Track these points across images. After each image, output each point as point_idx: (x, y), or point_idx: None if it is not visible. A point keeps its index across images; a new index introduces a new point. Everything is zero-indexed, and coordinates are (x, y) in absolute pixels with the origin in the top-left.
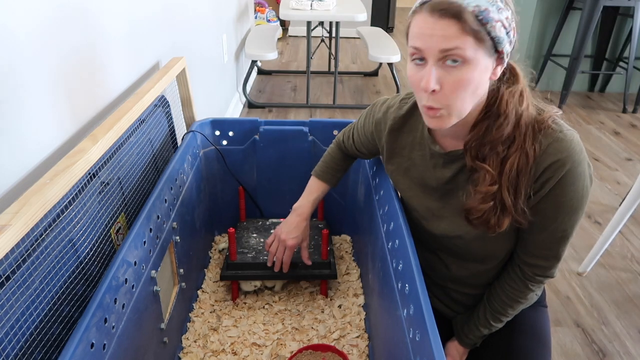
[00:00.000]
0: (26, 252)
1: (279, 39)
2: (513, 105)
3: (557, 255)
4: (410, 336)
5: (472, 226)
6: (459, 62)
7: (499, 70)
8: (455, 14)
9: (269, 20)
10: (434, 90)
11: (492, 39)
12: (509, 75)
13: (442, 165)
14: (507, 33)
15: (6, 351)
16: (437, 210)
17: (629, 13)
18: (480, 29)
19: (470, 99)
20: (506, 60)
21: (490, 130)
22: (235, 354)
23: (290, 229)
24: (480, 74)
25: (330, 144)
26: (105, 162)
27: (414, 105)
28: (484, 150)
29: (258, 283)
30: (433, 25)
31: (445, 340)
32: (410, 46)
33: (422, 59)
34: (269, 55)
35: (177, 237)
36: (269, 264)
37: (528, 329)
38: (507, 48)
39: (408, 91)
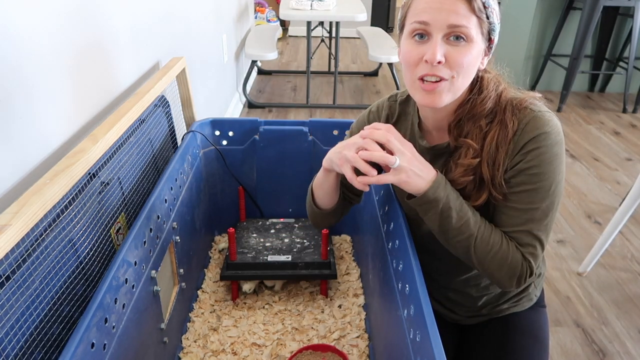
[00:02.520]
0: (26, 252)
1: (279, 39)
2: (493, 84)
3: (536, 236)
4: (411, 336)
5: None
6: (463, 40)
7: (486, 61)
8: None
9: (269, 20)
10: (439, 62)
11: (490, 23)
12: (483, 69)
13: (429, 161)
14: (498, 24)
15: (6, 351)
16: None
17: (629, 13)
18: (483, 11)
19: (467, 77)
20: (492, 51)
21: (475, 104)
22: (235, 354)
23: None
24: (478, 55)
25: (330, 145)
26: (105, 162)
27: (404, 102)
28: (468, 126)
29: (252, 284)
30: (443, 1)
31: (445, 342)
32: (414, 21)
33: (424, 35)
34: (269, 55)
35: (177, 237)
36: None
37: (525, 329)
38: (496, 38)
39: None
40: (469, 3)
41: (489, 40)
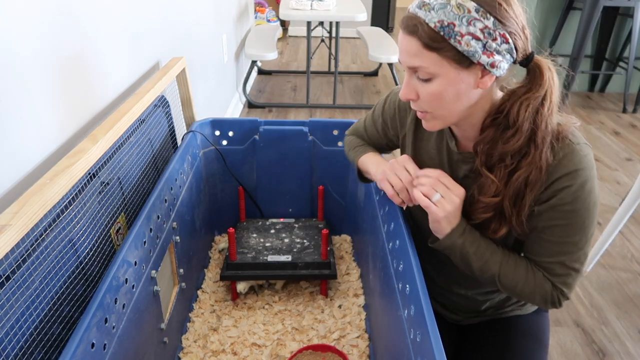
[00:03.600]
0: (26, 252)
1: (279, 39)
2: (527, 116)
3: (570, 267)
4: (411, 337)
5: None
6: (428, 77)
7: (489, 80)
8: (413, 31)
9: (269, 20)
10: (412, 98)
11: (461, 51)
12: (532, 77)
13: (455, 164)
14: (485, 44)
15: (6, 351)
16: None
17: (629, 13)
18: (442, 45)
19: (453, 106)
20: (499, 69)
21: (497, 141)
22: (235, 354)
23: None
24: (456, 86)
25: (330, 145)
26: (105, 162)
27: None
28: (492, 159)
29: (246, 285)
30: (402, 40)
31: (445, 342)
32: None
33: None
34: (269, 55)
35: (177, 237)
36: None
37: (527, 331)
38: (485, 59)
39: None
40: (418, 40)
41: (477, 63)
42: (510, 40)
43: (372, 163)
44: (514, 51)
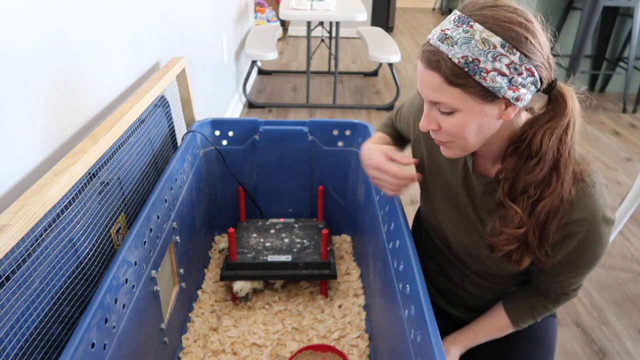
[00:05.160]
0: (26, 252)
1: (279, 39)
2: (551, 145)
3: (575, 289)
4: (412, 337)
5: (493, 254)
6: (450, 111)
7: (512, 111)
8: (435, 67)
9: (269, 20)
10: (432, 129)
11: (485, 87)
12: (554, 105)
13: (470, 182)
14: (511, 79)
15: (6, 351)
16: (457, 223)
17: (629, 13)
18: (466, 81)
19: (474, 137)
20: (523, 101)
21: (521, 172)
22: (235, 354)
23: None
24: (479, 118)
25: (330, 145)
26: (105, 162)
27: None
28: (515, 189)
29: (244, 287)
30: (422, 73)
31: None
32: None
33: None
34: (269, 55)
35: (177, 237)
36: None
37: (534, 334)
38: (511, 94)
39: None
40: (440, 75)
41: (502, 97)
42: (535, 73)
43: (368, 143)
44: (539, 83)
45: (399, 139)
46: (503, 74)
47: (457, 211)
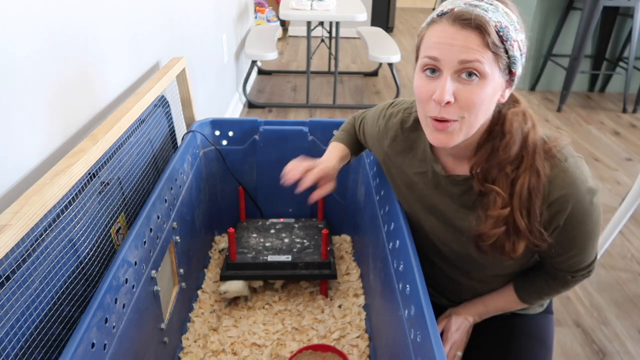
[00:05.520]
0: (26, 252)
1: (279, 39)
2: (518, 124)
3: (583, 266)
4: (412, 337)
5: (484, 253)
6: (475, 76)
7: (508, 94)
8: (479, 26)
9: (269, 20)
10: (448, 102)
11: (509, 57)
12: (510, 100)
13: (445, 187)
14: (521, 55)
15: (6, 351)
16: (443, 231)
17: (629, 13)
18: (500, 46)
19: (481, 115)
20: (515, 83)
21: (497, 151)
22: (235, 354)
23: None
24: (493, 92)
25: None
26: (105, 162)
27: (414, 127)
28: (492, 172)
29: (227, 288)
30: (454, 35)
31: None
32: (425, 56)
33: (435, 70)
34: (269, 55)
35: (177, 237)
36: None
37: (532, 332)
38: (519, 70)
39: (412, 99)
40: (482, 37)
41: (510, 73)
42: (524, 62)
43: (326, 153)
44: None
45: (356, 149)
46: (519, 48)
47: (439, 220)
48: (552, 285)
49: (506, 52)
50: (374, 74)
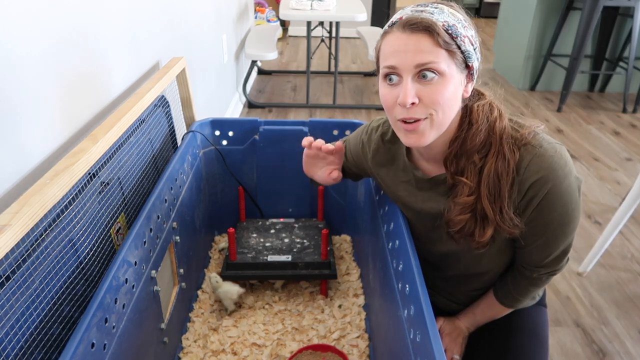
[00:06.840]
0: (26, 252)
1: (279, 39)
2: (484, 114)
3: (556, 261)
4: (411, 337)
5: (455, 242)
6: (435, 76)
7: (470, 87)
8: (427, 27)
9: (269, 20)
10: (413, 104)
11: (462, 53)
12: (476, 94)
13: (428, 190)
14: (475, 49)
15: (6, 351)
16: (431, 233)
17: (629, 13)
18: (451, 42)
19: (448, 111)
20: (475, 77)
21: (465, 141)
22: (235, 354)
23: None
24: (455, 88)
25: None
26: (105, 162)
27: (392, 140)
28: (461, 162)
29: (233, 295)
30: (406, 40)
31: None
32: (384, 66)
33: (396, 76)
34: (269, 55)
35: (177, 237)
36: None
37: (526, 327)
38: (476, 64)
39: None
40: (432, 38)
41: (468, 67)
42: (479, 55)
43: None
44: (479, 64)
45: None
46: (471, 43)
47: (424, 224)
48: (520, 282)
49: (459, 47)
50: (374, 74)
